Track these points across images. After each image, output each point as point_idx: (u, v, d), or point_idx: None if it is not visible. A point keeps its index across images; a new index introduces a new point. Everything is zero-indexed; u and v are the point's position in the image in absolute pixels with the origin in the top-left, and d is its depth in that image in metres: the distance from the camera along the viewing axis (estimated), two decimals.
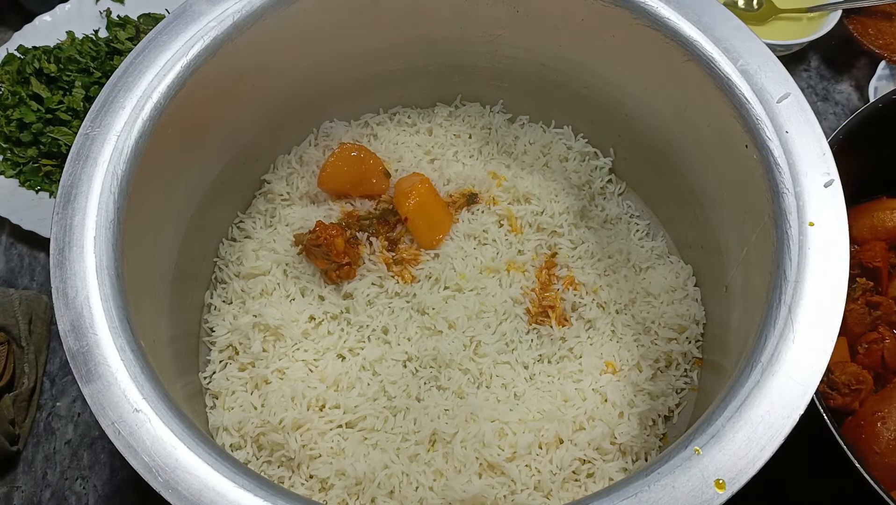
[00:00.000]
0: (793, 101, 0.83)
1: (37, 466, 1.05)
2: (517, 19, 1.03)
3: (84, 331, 0.71)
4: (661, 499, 0.64)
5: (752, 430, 0.67)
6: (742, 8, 1.44)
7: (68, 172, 0.79)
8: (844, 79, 1.45)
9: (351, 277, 1.05)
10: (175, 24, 0.88)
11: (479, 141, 1.20)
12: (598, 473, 0.93)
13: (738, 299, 0.91)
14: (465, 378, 0.99)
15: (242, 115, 1.02)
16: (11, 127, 1.26)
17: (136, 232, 0.81)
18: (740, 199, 0.89)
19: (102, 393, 0.69)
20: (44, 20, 1.40)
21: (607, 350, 1.02)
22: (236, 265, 1.09)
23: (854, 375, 0.95)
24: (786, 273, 0.74)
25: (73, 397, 1.10)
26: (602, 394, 0.99)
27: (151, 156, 0.83)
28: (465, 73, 1.16)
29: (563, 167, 1.17)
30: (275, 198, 1.14)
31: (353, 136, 1.18)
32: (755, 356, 0.71)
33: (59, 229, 0.76)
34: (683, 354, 1.03)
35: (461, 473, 0.91)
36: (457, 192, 1.14)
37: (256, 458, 0.95)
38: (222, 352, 1.03)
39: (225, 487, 0.65)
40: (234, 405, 0.98)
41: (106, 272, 0.74)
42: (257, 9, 0.91)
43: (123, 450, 0.66)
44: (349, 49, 1.06)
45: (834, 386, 0.95)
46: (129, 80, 0.84)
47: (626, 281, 1.08)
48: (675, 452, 0.67)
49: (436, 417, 0.95)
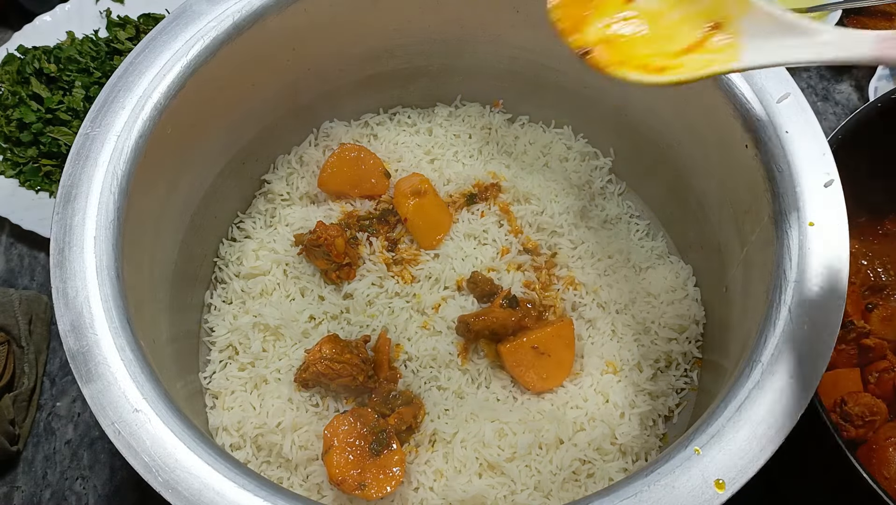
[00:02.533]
0: (793, 101, 0.83)
1: (37, 466, 1.05)
2: (517, 19, 1.03)
3: (84, 331, 0.71)
4: (661, 499, 0.64)
5: (752, 430, 0.67)
6: None
7: (68, 172, 0.79)
8: (844, 79, 1.45)
9: (351, 278, 1.05)
10: (175, 24, 0.88)
11: (479, 141, 1.20)
12: (598, 473, 0.93)
13: (738, 299, 0.91)
14: (465, 378, 0.99)
15: (242, 115, 1.02)
16: (11, 127, 1.27)
17: (136, 232, 0.81)
18: (740, 199, 0.89)
19: (102, 393, 0.69)
20: (44, 20, 1.40)
21: (608, 350, 1.02)
22: (236, 265, 1.09)
23: (868, 407, 0.92)
24: (786, 273, 0.74)
25: (73, 397, 1.10)
26: (604, 394, 0.99)
27: (151, 156, 0.83)
28: (465, 73, 1.16)
29: (563, 167, 1.17)
30: (275, 198, 1.14)
31: (353, 136, 1.18)
32: (755, 356, 0.71)
33: (59, 229, 0.76)
34: (683, 354, 1.03)
35: (461, 473, 0.91)
36: (457, 192, 1.14)
37: (256, 458, 0.95)
38: (222, 352, 1.03)
39: (225, 487, 0.65)
40: (234, 405, 0.98)
41: (106, 272, 0.75)
42: (257, 9, 0.91)
43: (123, 450, 0.66)
44: (349, 49, 1.06)
45: (847, 418, 0.93)
46: (129, 80, 0.84)
47: (627, 281, 1.08)
48: (675, 452, 0.67)
49: (436, 417, 0.96)
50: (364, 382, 0.95)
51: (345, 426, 0.89)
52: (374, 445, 0.89)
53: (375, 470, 0.87)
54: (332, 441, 0.88)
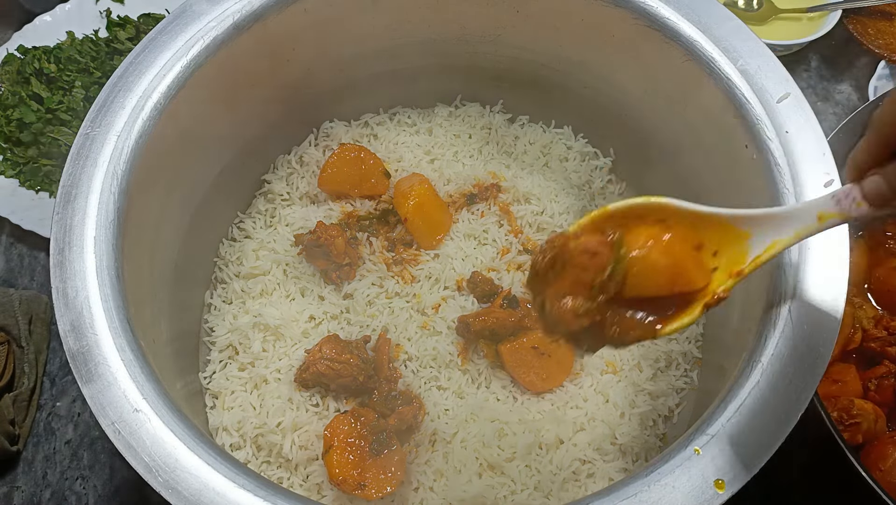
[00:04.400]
0: (793, 101, 0.83)
1: (37, 466, 1.05)
2: (517, 19, 1.03)
3: (84, 331, 0.71)
4: (661, 499, 0.64)
5: (752, 430, 0.67)
6: (742, 8, 1.44)
7: (68, 172, 0.79)
8: (844, 79, 1.45)
9: (351, 278, 1.05)
10: (175, 24, 0.88)
11: (479, 141, 1.20)
12: (599, 473, 0.93)
13: (738, 299, 0.91)
14: (465, 378, 0.99)
15: (242, 115, 1.02)
16: (11, 127, 1.26)
17: (136, 232, 0.81)
18: (740, 199, 0.89)
19: (102, 393, 0.69)
20: (44, 20, 1.39)
21: (608, 350, 1.02)
22: (236, 265, 1.09)
23: (845, 410, 0.91)
24: (786, 273, 0.74)
25: (73, 397, 1.10)
26: (604, 394, 0.99)
27: (151, 156, 0.83)
28: (465, 73, 1.16)
29: (563, 167, 1.17)
30: (275, 198, 1.14)
31: (353, 137, 1.18)
32: (755, 356, 0.71)
33: (59, 229, 0.76)
34: (683, 354, 1.03)
35: (461, 473, 0.91)
36: (457, 192, 1.13)
37: (256, 458, 0.95)
38: (222, 352, 1.03)
39: (225, 487, 0.65)
40: (234, 405, 0.98)
41: (106, 272, 0.74)
42: (257, 9, 0.91)
43: (123, 450, 0.66)
44: (349, 49, 1.06)
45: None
46: (129, 80, 0.84)
47: None
48: (675, 452, 0.67)
49: (436, 417, 0.96)
50: (364, 382, 0.95)
51: (345, 426, 0.89)
52: (374, 445, 0.89)
53: (375, 470, 0.87)
54: (333, 441, 0.88)
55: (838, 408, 0.92)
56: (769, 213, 0.61)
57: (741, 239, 0.62)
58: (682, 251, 0.62)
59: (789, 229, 0.60)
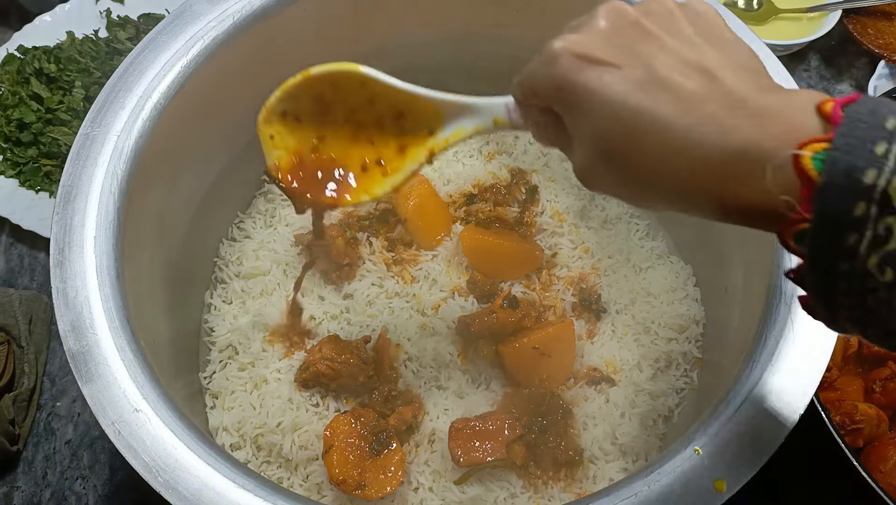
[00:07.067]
0: None
1: (37, 466, 1.05)
2: (518, 19, 1.03)
3: (84, 331, 0.71)
4: (661, 499, 0.64)
5: (752, 430, 0.67)
6: (742, 8, 1.44)
7: (68, 172, 0.79)
8: (844, 79, 1.45)
9: (351, 278, 1.05)
10: (175, 24, 0.88)
11: (479, 141, 1.20)
12: (599, 473, 0.93)
13: (738, 299, 0.91)
14: (465, 378, 0.99)
15: (242, 115, 1.01)
16: (11, 127, 1.26)
17: (136, 232, 0.81)
18: None
19: (102, 393, 0.69)
20: (44, 20, 1.39)
21: (608, 350, 1.02)
22: (236, 265, 1.09)
23: (849, 414, 0.91)
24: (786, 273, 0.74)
25: (73, 397, 1.10)
26: (604, 394, 0.99)
27: (151, 156, 0.83)
28: (465, 73, 1.16)
29: (563, 167, 1.17)
30: (275, 198, 1.14)
31: None
32: (755, 356, 0.71)
33: (59, 229, 0.76)
34: (683, 354, 1.03)
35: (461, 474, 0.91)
36: (457, 192, 1.13)
37: (256, 458, 0.95)
38: (222, 352, 1.03)
39: (225, 487, 0.65)
40: (234, 405, 0.98)
41: (106, 272, 0.74)
42: (257, 9, 0.91)
43: (123, 450, 0.66)
44: (349, 48, 1.06)
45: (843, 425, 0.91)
46: (129, 80, 0.84)
47: (626, 281, 1.08)
48: (675, 452, 0.67)
49: (436, 417, 0.95)
50: (364, 382, 0.95)
51: (345, 426, 0.89)
52: (374, 445, 0.89)
53: (375, 470, 0.87)
54: (333, 441, 0.88)
55: (841, 412, 0.92)
56: (457, 101, 0.65)
57: (438, 118, 0.67)
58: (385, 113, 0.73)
59: (469, 123, 0.65)
